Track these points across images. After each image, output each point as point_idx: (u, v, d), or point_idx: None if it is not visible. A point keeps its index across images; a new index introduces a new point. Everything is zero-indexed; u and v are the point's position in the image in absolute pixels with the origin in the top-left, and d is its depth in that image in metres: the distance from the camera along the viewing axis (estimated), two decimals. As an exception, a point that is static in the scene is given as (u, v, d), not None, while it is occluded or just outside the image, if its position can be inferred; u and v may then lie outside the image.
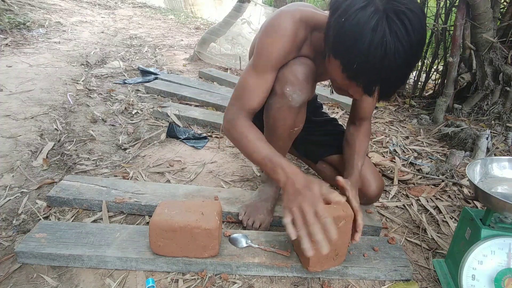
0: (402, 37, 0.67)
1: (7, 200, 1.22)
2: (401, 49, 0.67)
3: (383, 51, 0.67)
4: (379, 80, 0.73)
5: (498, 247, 0.87)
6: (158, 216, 0.93)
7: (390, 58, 0.68)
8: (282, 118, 1.00)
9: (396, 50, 0.67)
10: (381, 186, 1.21)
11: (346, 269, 0.99)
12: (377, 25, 0.67)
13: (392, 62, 0.69)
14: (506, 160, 0.98)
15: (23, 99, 2.00)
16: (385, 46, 0.67)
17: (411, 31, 0.67)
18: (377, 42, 0.67)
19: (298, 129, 1.06)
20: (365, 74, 0.72)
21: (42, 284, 0.92)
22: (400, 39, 0.67)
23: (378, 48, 0.67)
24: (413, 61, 0.72)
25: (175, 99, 2.34)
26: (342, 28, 0.70)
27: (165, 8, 6.93)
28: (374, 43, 0.67)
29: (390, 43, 0.67)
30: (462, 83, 2.23)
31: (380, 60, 0.68)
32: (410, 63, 0.72)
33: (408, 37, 0.67)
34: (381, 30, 0.67)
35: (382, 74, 0.71)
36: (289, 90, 0.94)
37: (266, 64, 0.93)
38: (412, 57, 0.70)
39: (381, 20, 0.67)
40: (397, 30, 0.67)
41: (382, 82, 0.73)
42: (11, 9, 3.76)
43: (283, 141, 1.08)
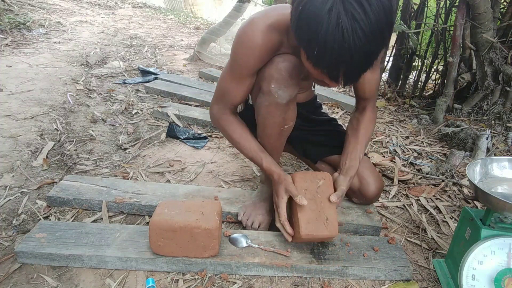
0: (359, 17, 0.64)
1: (7, 200, 1.22)
2: (359, 30, 0.64)
3: (340, 34, 0.64)
4: (341, 64, 0.70)
5: (498, 247, 0.87)
6: (158, 216, 0.93)
7: (349, 41, 0.65)
8: (271, 116, 1.01)
9: (354, 32, 0.64)
10: (381, 186, 1.21)
11: (346, 269, 0.99)
12: (331, 8, 0.64)
13: (351, 44, 0.65)
14: (506, 160, 0.98)
15: (23, 99, 2.00)
16: (341, 28, 0.64)
17: (370, 10, 0.64)
18: (332, 25, 0.64)
19: (288, 126, 1.06)
20: (326, 60, 0.70)
21: (42, 284, 0.92)
22: (358, 19, 0.64)
23: (334, 31, 0.64)
24: (375, 42, 0.68)
25: (175, 99, 2.34)
26: (300, 15, 0.69)
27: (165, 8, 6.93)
28: (330, 26, 0.64)
29: (347, 25, 0.64)
30: (462, 83, 2.23)
31: (338, 44, 0.66)
32: (371, 44, 0.68)
33: (366, 17, 0.64)
34: (335, 12, 0.64)
35: (343, 58, 0.68)
36: (274, 87, 0.95)
37: (241, 72, 0.98)
38: (374, 37, 0.67)
39: (335, 2, 0.64)
40: (353, 10, 0.63)
41: (345, 66, 0.71)
42: (11, 9, 3.76)
43: (274, 139, 1.08)
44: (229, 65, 1.00)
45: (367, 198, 1.20)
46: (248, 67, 0.97)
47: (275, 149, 1.12)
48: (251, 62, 0.95)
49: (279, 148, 1.14)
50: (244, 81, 1.00)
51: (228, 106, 1.06)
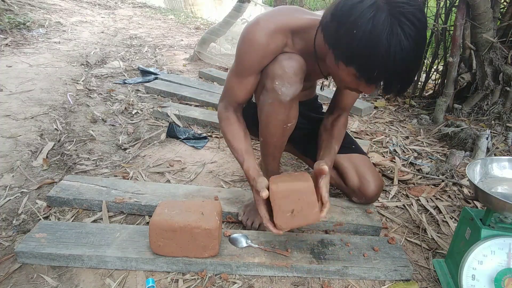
0: (414, 35, 0.71)
1: (7, 200, 1.22)
2: (416, 47, 0.72)
3: (402, 53, 0.71)
4: (399, 79, 0.77)
5: (498, 247, 0.87)
6: (158, 216, 0.93)
7: (409, 58, 0.73)
8: (274, 113, 1.01)
9: (412, 50, 0.72)
10: (380, 185, 1.21)
11: (346, 269, 0.99)
12: (391, 30, 0.70)
13: (411, 61, 0.74)
14: (506, 160, 0.98)
15: (23, 99, 2.00)
16: (402, 49, 0.71)
17: (420, 27, 0.71)
18: (394, 46, 0.71)
19: (291, 125, 1.06)
20: (386, 77, 0.77)
21: (42, 284, 0.92)
22: (414, 38, 0.71)
23: (397, 51, 0.71)
24: (423, 52, 0.77)
25: (175, 99, 2.34)
26: (356, 39, 0.73)
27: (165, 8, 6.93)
28: (392, 47, 0.71)
29: (406, 45, 0.71)
30: (462, 83, 2.23)
31: (400, 63, 0.72)
32: (421, 55, 0.78)
33: (419, 34, 0.72)
34: (396, 34, 0.70)
35: (402, 74, 0.76)
36: (278, 84, 0.96)
37: (245, 71, 1.01)
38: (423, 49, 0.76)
39: (394, 25, 0.70)
40: (409, 31, 0.70)
41: (402, 80, 0.78)
42: (11, 9, 3.76)
43: (277, 137, 1.08)
44: (234, 64, 1.03)
45: (367, 197, 1.21)
46: (251, 67, 0.99)
47: (277, 147, 1.12)
48: (254, 62, 0.98)
49: (281, 146, 1.14)
50: (247, 79, 1.02)
51: (232, 104, 1.08)
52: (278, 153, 1.14)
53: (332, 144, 1.12)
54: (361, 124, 2.24)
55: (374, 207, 1.29)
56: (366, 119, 2.33)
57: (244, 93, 1.05)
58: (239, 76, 1.02)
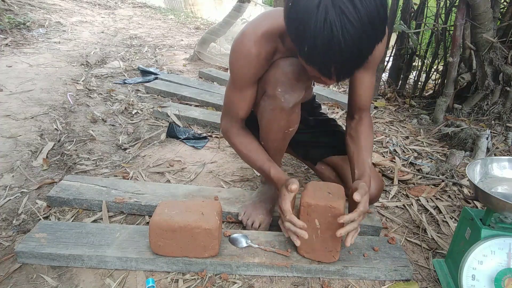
0: (348, 12, 0.62)
1: (7, 200, 1.22)
2: (349, 24, 0.62)
3: (329, 29, 0.63)
4: (332, 60, 0.69)
5: (498, 247, 0.87)
6: (158, 216, 0.93)
7: (338, 36, 0.63)
8: (275, 120, 1.00)
9: (344, 27, 0.63)
10: (381, 187, 1.21)
11: (346, 269, 0.99)
12: (320, 2, 0.63)
13: (341, 39, 0.64)
14: (506, 160, 0.98)
15: (23, 99, 2.00)
16: (329, 23, 0.63)
17: (359, 3, 0.62)
18: (321, 20, 0.63)
19: (293, 129, 1.05)
20: (317, 56, 0.69)
21: (42, 284, 0.92)
22: (347, 14, 0.62)
23: (322, 26, 0.63)
24: (366, 36, 0.66)
25: (175, 99, 2.34)
26: (290, 12, 0.69)
27: (165, 8, 6.92)
28: (319, 22, 0.63)
29: (335, 21, 0.62)
30: (462, 83, 2.22)
31: (327, 39, 0.64)
32: (362, 38, 0.65)
33: (356, 11, 0.62)
34: (323, 6, 0.62)
35: (333, 54, 0.67)
36: (281, 91, 0.93)
37: (242, 83, 0.99)
38: (365, 31, 0.64)
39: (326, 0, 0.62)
40: (341, 4, 0.62)
41: (336, 62, 0.69)
42: (11, 9, 3.75)
43: (278, 142, 1.07)
44: (230, 78, 1.01)
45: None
46: (246, 78, 0.97)
47: (278, 151, 1.11)
48: (249, 73, 0.95)
49: (282, 150, 1.13)
50: (245, 92, 1.00)
51: (235, 120, 1.06)
52: (279, 156, 1.14)
53: (363, 158, 1.02)
54: (361, 124, 2.23)
55: (374, 207, 1.29)
56: (366, 119, 2.33)
57: (245, 106, 1.03)
58: (237, 89, 1.00)
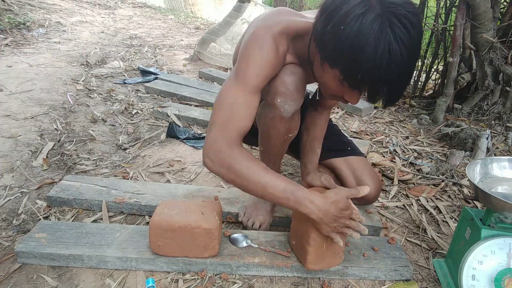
0: (406, 40, 0.65)
1: (7, 200, 1.22)
2: (406, 53, 0.66)
3: (389, 58, 0.65)
4: (385, 87, 0.71)
5: (498, 247, 0.87)
6: (158, 216, 0.93)
7: (397, 64, 0.66)
8: (275, 127, 0.99)
9: (402, 55, 0.65)
10: (379, 188, 1.21)
11: (346, 269, 0.99)
12: (381, 31, 0.64)
13: (399, 68, 0.67)
14: (506, 160, 0.98)
15: (23, 99, 2.00)
16: (390, 52, 0.65)
17: (413, 32, 0.65)
18: (382, 49, 0.64)
19: (292, 135, 1.05)
20: (370, 83, 0.70)
21: (42, 284, 0.92)
22: (405, 43, 0.65)
23: (384, 55, 0.65)
24: (415, 62, 0.71)
25: (175, 99, 2.34)
26: (342, 36, 0.67)
27: (165, 8, 6.92)
28: (379, 50, 0.64)
29: (396, 49, 0.65)
30: (462, 83, 2.22)
31: (386, 67, 0.66)
32: (413, 65, 0.70)
33: (411, 39, 0.66)
34: (385, 36, 0.64)
35: (389, 81, 0.69)
36: (280, 101, 0.92)
37: (257, 85, 0.85)
38: (415, 58, 0.69)
39: (383, 26, 0.64)
40: (401, 34, 0.64)
41: (388, 88, 0.71)
42: (11, 9, 3.75)
43: (277, 147, 1.07)
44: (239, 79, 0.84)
45: (365, 199, 1.20)
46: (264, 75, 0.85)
47: (278, 155, 1.11)
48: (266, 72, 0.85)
49: (281, 154, 1.13)
50: (254, 94, 0.85)
51: (234, 136, 0.83)
52: (279, 159, 1.14)
53: (315, 149, 1.16)
54: (361, 124, 2.23)
55: (374, 207, 1.29)
56: (366, 119, 2.33)
57: (250, 115, 0.85)
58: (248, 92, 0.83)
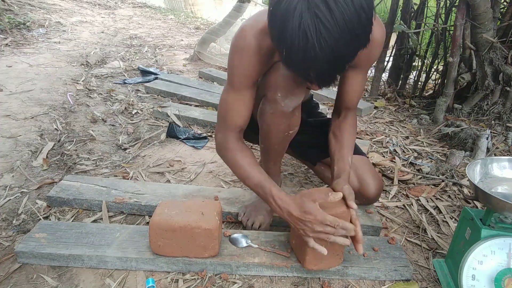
0: (323, 17, 0.60)
1: (7, 200, 1.22)
2: (324, 29, 0.60)
3: (304, 35, 0.61)
4: (310, 66, 0.67)
5: (498, 247, 0.87)
6: (158, 216, 0.93)
7: (312, 41, 0.61)
8: (276, 123, 0.99)
9: (319, 32, 0.61)
10: (380, 186, 1.21)
11: (346, 269, 0.99)
12: (295, 7, 0.61)
13: (316, 46, 0.62)
14: (506, 160, 0.98)
15: (23, 99, 2.00)
16: (303, 28, 0.61)
17: (335, 8, 0.59)
18: (295, 26, 0.61)
19: (293, 132, 1.05)
20: (294, 61, 0.68)
21: (42, 284, 0.92)
22: (322, 19, 0.60)
23: (297, 32, 0.62)
24: (344, 41, 0.63)
25: (175, 99, 2.34)
26: (270, 17, 0.67)
27: (165, 8, 6.92)
28: (294, 28, 0.61)
29: (310, 26, 0.60)
30: (462, 83, 2.22)
31: (303, 45, 0.62)
32: (339, 44, 0.63)
33: (332, 15, 0.60)
34: (298, 11, 0.60)
35: (310, 60, 0.65)
36: (281, 96, 0.93)
37: (241, 81, 0.92)
38: (342, 37, 0.62)
39: (304, 7, 0.60)
40: (316, 9, 0.60)
41: (314, 69, 0.68)
42: (11, 9, 3.75)
43: (278, 145, 1.07)
44: (228, 80, 0.95)
45: (367, 199, 1.20)
46: (247, 75, 0.91)
47: (278, 154, 1.11)
48: (249, 69, 0.90)
49: (282, 152, 1.13)
50: (244, 92, 0.93)
51: (232, 130, 0.98)
52: (279, 157, 1.14)
53: (344, 156, 1.02)
54: (361, 124, 2.23)
55: (374, 207, 1.29)
56: (366, 119, 2.33)
57: (244, 111, 0.96)
58: (234, 91, 0.93)
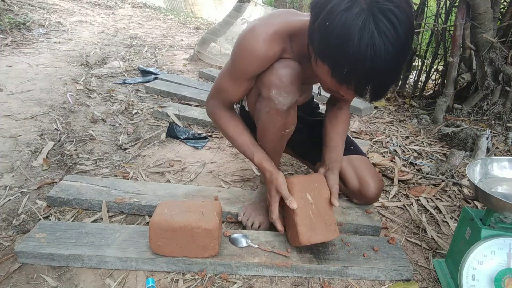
0: (390, 35, 0.65)
1: (7, 200, 1.22)
2: (391, 48, 0.66)
3: (372, 52, 0.66)
4: (370, 81, 0.71)
5: (498, 247, 0.87)
6: (158, 216, 0.93)
7: (380, 59, 0.66)
8: (271, 122, 1.00)
9: (386, 50, 0.66)
10: (380, 186, 1.21)
11: (346, 269, 0.99)
12: (364, 26, 0.65)
13: (383, 63, 0.67)
14: (506, 160, 0.98)
15: (23, 99, 2.00)
16: (374, 46, 0.65)
17: (399, 28, 0.65)
18: (365, 43, 0.65)
19: (289, 130, 1.05)
20: (355, 77, 0.71)
21: (42, 284, 0.92)
22: (389, 37, 0.65)
23: (367, 49, 0.65)
24: (403, 58, 0.70)
25: (175, 99, 2.34)
26: (328, 31, 0.69)
27: (165, 8, 6.92)
28: (363, 44, 0.65)
29: (379, 43, 0.65)
30: (462, 83, 2.22)
31: (370, 62, 0.67)
32: (400, 61, 0.70)
33: (397, 35, 0.65)
34: (368, 30, 0.65)
35: (373, 76, 0.69)
36: (275, 93, 0.94)
37: (241, 76, 0.98)
38: (402, 54, 0.69)
39: (367, 20, 0.65)
40: (385, 28, 0.65)
41: (374, 83, 0.72)
42: (11, 9, 3.76)
43: (275, 143, 1.07)
44: (229, 67, 0.99)
45: (367, 198, 1.20)
46: (247, 73, 0.96)
47: (276, 152, 1.11)
48: (251, 69, 0.95)
49: (280, 150, 1.13)
50: (242, 84, 1.00)
51: (225, 103, 1.07)
52: (277, 156, 1.14)
53: (338, 146, 1.11)
54: (361, 124, 2.24)
55: (374, 207, 1.29)
56: (366, 119, 2.33)
57: (238, 95, 1.03)
58: (234, 79, 0.99)
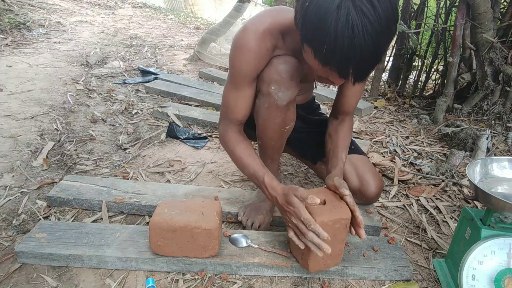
0: (368, 12, 0.63)
1: (7, 200, 1.22)
2: (369, 27, 0.64)
3: (350, 30, 0.64)
4: (352, 61, 0.69)
5: (498, 247, 0.87)
6: (158, 216, 0.93)
7: (359, 37, 0.64)
8: (271, 118, 1.01)
9: (364, 27, 0.64)
10: (380, 186, 1.21)
11: (346, 269, 0.99)
12: (340, 4, 0.63)
13: (362, 41, 0.65)
14: (506, 160, 0.98)
15: (23, 99, 2.00)
16: (351, 24, 0.63)
17: (378, 5, 0.64)
18: (342, 21, 0.63)
19: (289, 127, 1.06)
20: (336, 57, 0.69)
21: (42, 284, 0.92)
22: (367, 15, 0.63)
23: (344, 28, 0.64)
24: (384, 37, 0.68)
25: (175, 99, 2.34)
26: (307, 12, 0.68)
27: (165, 8, 6.92)
28: (340, 23, 0.64)
29: (357, 21, 0.63)
30: (462, 83, 2.22)
31: (348, 40, 0.65)
32: (381, 40, 0.68)
33: (375, 12, 0.64)
34: (345, 8, 0.63)
35: (353, 55, 0.67)
36: (274, 89, 0.95)
37: (240, 80, 0.98)
38: (383, 33, 0.67)
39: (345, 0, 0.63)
40: (362, 6, 0.63)
41: (355, 63, 0.70)
42: (11, 9, 3.75)
43: (275, 141, 1.08)
44: (228, 77, 1.00)
45: (367, 198, 1.20)
46: (245, 74, 0.96)
47: (276, 150, 1.12)
48: (248, 69, 0.95)
49: (279, 149, 1.13)
50: (243, 90, 0.99)
51: (233, 122, 1.05)
52: (277, 155, 1.14)
53: (338, 154, 1.06)
54: (361, 124, 2.24)
55: (374, 207, 1.29)
56: (366, 119, 2.33)
57: (244, 106, 1.02)
58: (235, 88, 0.99)
